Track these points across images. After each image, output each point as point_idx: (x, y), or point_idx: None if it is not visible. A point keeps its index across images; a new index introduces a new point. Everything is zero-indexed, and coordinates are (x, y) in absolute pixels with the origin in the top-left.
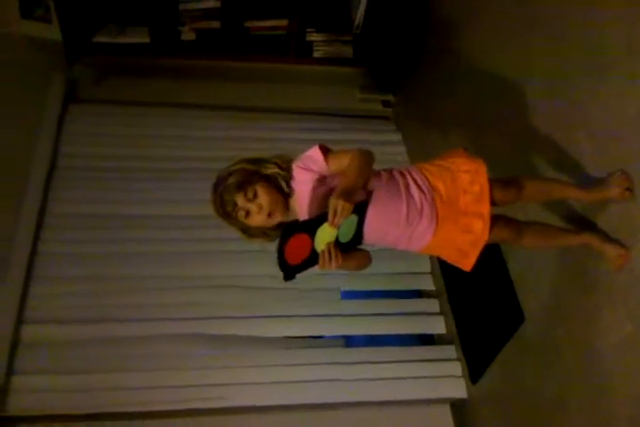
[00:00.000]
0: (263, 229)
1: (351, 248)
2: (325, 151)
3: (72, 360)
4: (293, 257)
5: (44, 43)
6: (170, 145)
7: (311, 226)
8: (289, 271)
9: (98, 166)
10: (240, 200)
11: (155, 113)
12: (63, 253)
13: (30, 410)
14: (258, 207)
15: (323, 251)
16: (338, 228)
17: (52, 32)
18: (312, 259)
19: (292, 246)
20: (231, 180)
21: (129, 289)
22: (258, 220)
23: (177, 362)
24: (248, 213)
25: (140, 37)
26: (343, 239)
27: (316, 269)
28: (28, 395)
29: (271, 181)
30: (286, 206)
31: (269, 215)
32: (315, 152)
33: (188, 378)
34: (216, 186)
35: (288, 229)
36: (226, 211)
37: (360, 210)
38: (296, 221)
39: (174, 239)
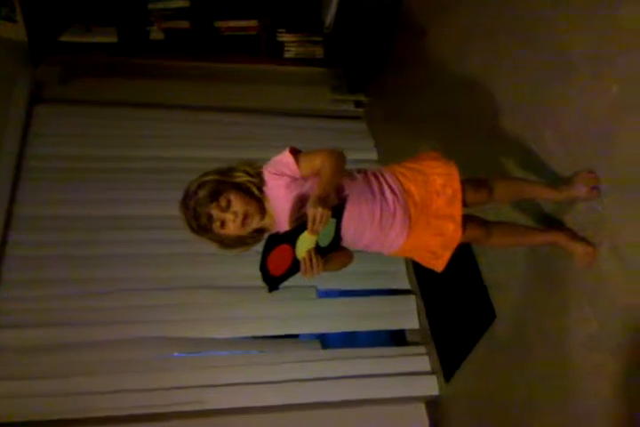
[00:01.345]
0: (240, 237)
1: (331, 251)
2: (296, 154)
3: (44, 365)
4: (276, 268)
5: (9, 43)
6: (138, 145)
7: (291, 236)
8: (272, 282)
9: (65, 167)
10: (214, 211)
11: (123, 113)
12: (32, 256)
13: (5, 416)
14: (233, 215)
15: (304, 258)
16: (317, 234)
17: (18, 32)
18: (294, 267)
19: (273, 258)
20: (202, 192)
21: (100, 292)
22: (234, 228)
23: (152, 365)
24: (223, 223)
25: (107, 37)
26: (323, 244)
27: (299, 276)
28: (2, 401)
29: (242, 188)
30: (261, 211)
31: (244, 222)
32: (286, 156)
33: (165, 381)
34: (185, 201)
35: (269, 243)
36: (200, 224)
37: (337, 213)
38: (276, 234)
39: (144, 241)
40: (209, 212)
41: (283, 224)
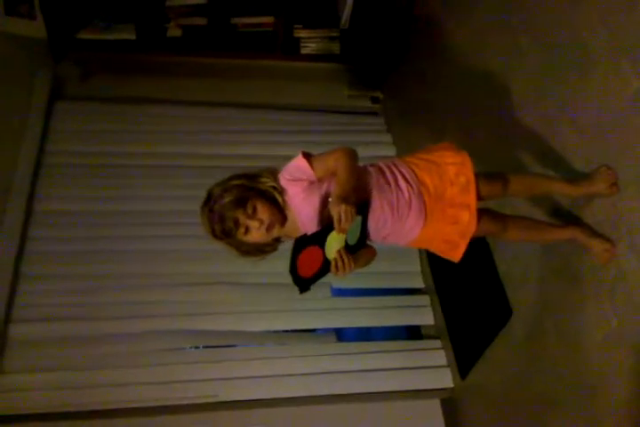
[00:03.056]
0: (259, 245)
1: (359, 248)
2: (309, 158)
3: (60, 358)
4: (306, 270)
5: (29, 40)
6: (157, 142)
7: (319, 237)
8: (303, 284)
9: (85, 164)
10: (241, 216)
11: (141, 110)
12: (50, 251)
13: (19, 408)
14: (259, 223)
15: (335, 259)
16: (346, 233)
17: (37, 29)
18: (324, 268)
19: (303, 260)
20: (228, 197)
21: (117, 287)
22: (257, 235)
23: (168, 358)
24: (247, 230)
25: (126, 34)
26: (351, 242)
27: (330, 276)
28: (16, 394)
29: (267, 196)
30: (283, 221)
31: (268, 230)
32: (299, 161)
33: (180, 374)
34: (210, 204)
35: (297, 245)
36: (225, 229)
37: (362, 210)
38: (304, 236)
39: (162, 236)
40: (236, 216)
41: (310, 229)
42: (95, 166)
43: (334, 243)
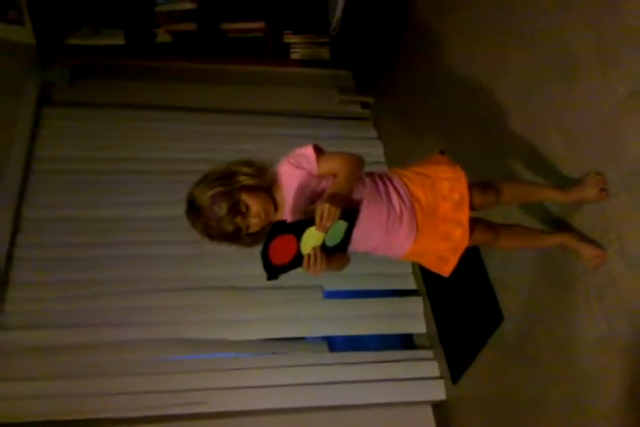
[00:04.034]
0: (258, 235)
1: (336, 253)
2: (318, 152)
3: (51, 366)
4: (278, 257)
5: (17, 46)
6: (146, 147)
7: (298, 228)
8: (272, 271)
9: (74, 170)
10: (240, 221)
11: (130, 115)
12: (39, 257)
13: (9, 417)
14: (257, 218)
15: (309, 255)
16: (325, 232)
17: (25, 35)
18: (297, 261)
19: (276, 246)
20: (220, 209)
21: (107, 293)
22: (258, 226)
23: (158, 367)
24: (248, 227)
25: (115, 39)
26: (330, 243)
27: (299, 270)
28: (8, 402)
29: (251, 187)
30: (275, 204)
31: (267, 217)
32: (308, 150)
33: (170, 383)
34: (201, 218)
35: (275, 229)
36: (229, 236)
37: (351, 216)
38: (283, 222)
39: (152, 242)
40: (235, 225)
41: (290, 218)
42: (84, 172)
43: (312, 239)
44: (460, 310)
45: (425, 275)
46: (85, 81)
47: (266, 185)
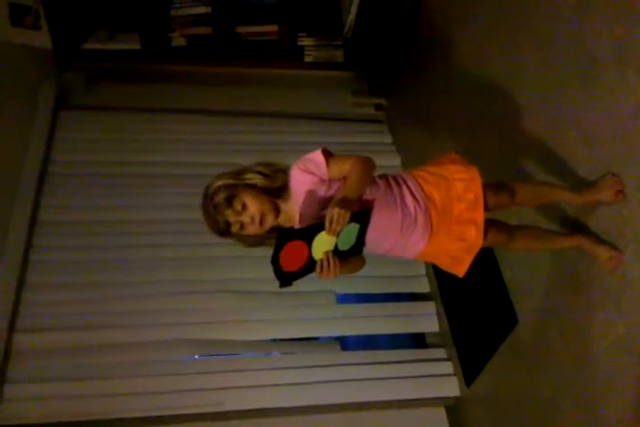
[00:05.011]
0: (260, 236)
1: (350, 256)
2: (327, 156)
3: (65, 368)
4: (289, 264)
5: (35, 50)
6: (162, 150)
7: (308, 233)
8: (285, 278)
9: (89, 173)
10: (231, 216)
11: (146, 119)
12: (55, 260)
13: (24, 418)
14: (250, 218)
15: (321, 260)
16: (337, 236)
17: (43, 39)
18: (309, 266)
19: (287, 253)
20: (218, 198)
21: (122, 296)
22: (252, 229)
23: (172, 368)
24: (242, 226)
25: (130, 44)
26: (342, 247)
27: (313, 275)
28: (21, 403)
29: (256, 187)
30: (276, 209)
31: (261, 222)
32: (317, 156)
33: (184, 383)
34: (204, 206)
35: (283, 236)
36: (220, 229)
37: (362, 218)
38: (291, 229)
39: (166, 245)
40: (226, 218)
41: (300, 224)
42: (100, 175)
43: (323, 244)
44: (475, 313)
45: (439, 277)
46: (101, 85)
47: (275, 187)
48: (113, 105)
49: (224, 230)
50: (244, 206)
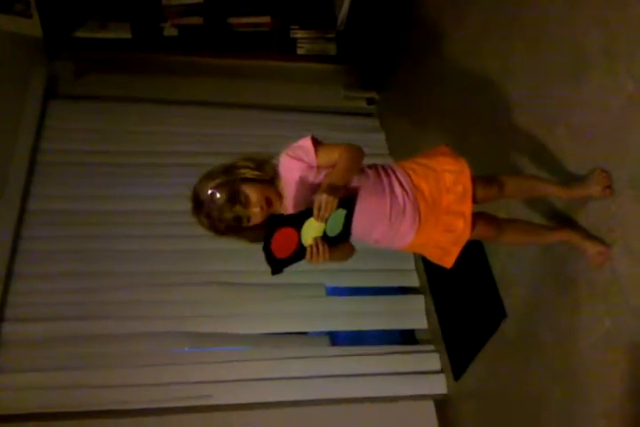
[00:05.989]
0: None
1: (339, 242)
2: (316, 143)
3: (54, 358)
4: (280, 251)
5: (24, 38)
6: (151, 140)
7: (297, 220)
8: (277, 265)
9: (79, 162)
10: (240, 211)
11: (136, 109)
12: (44, 250)
13: (13, 408)
14: (258, 208)
15: (311, 245)
16: (325, 222)
17: (32, 27)
18: (299, 253)
19: (278, 240)
20: (220, 198)
21: (111, 286)
22: (260, 217)
23: (161, 360)
24: (250, 218)
25: (121, 33)
26: (331, 233)
27: (303, 262)
28: (11, 393)
29: (251, 178)
30: (278, 193)
31: (269, 205)
32: (306, 143)
33: (174, 376)
34: (203, 209)
35: (273, 223)
36: (231, 227)
37: (349, 204)
38: (281, 215)
39: (157, 236)
40: (235, 214)
41: (289, 211)
42: (90, 165)
43: (312, 230)
44: (463, 307)
45: (428, 271)
46: (91, 74)
47: (267, 178)
48: (103, 94)
49: (235, 227)
50: (248, 198)
